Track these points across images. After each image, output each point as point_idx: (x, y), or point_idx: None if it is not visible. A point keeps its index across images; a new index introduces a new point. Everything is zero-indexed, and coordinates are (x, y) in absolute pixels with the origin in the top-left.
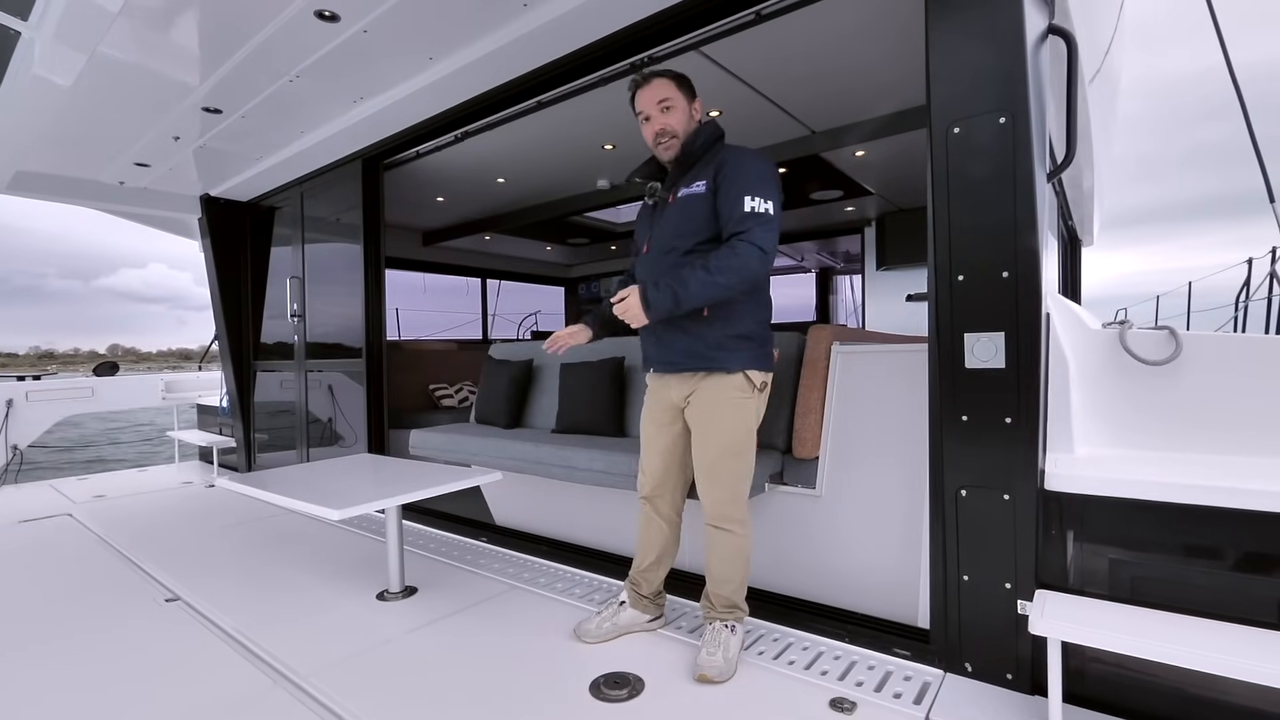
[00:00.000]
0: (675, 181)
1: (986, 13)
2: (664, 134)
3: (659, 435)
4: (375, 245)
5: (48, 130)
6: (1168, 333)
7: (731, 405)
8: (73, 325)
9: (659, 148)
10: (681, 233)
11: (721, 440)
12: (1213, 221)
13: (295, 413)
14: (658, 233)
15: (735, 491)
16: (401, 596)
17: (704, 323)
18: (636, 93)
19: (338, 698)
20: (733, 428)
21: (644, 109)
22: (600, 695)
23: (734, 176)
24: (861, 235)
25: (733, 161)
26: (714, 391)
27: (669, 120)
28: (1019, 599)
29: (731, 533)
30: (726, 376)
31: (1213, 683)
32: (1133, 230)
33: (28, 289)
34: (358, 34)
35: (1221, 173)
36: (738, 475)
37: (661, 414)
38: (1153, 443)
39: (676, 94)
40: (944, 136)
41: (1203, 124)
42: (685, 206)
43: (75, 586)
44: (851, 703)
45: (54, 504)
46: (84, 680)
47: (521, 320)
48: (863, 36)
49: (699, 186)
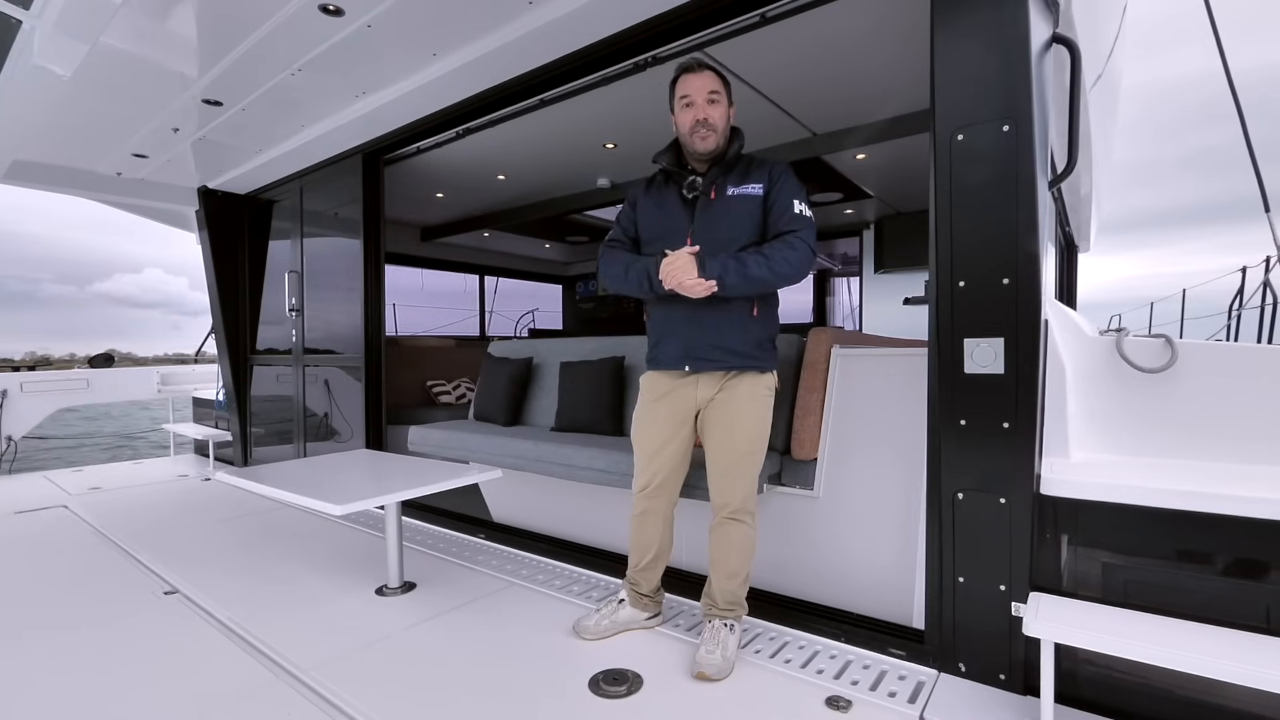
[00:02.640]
0: (716, 179)
1: (992, 21)
2: (705, 124)
3: (673, 437)
4: (375, 240)
5: (46, 120)
6: (1164, 341)
7: (762, 403)
8: (68, 331)
9: (694, 136)
10: (736, 230)
11: (751, 435)
12: (1211, 226)
13: (292, 407)
14: (704, 226)
15: (754, 485)
16: (400, 592)
17: (754, 321)
18: (684, 76)
19: (339, 691)
20: (764, 424)
21: (691, 94)
22: (599, 691)
23: (786, 183)
24: (860, 238)
25: (783, 169)
26: (748, 389)
27: (713, 113)
28: (1013, 601)
29: (748, 525)
30: (760, 375)
31: (1203, 685)
32: (1130, 235)
33: (22, 294)
34: (361, 29)
35: (1220, 178)
36: (759, 469)
37: (676, 414)
38: (1147, 449)
39: (724, 91)
40: (947, 143)
41: (1201, 128)
42: (740, 205)
43: (72, 578)
44: (847, 701)
45: (49, 495)
46: (83, 670)
47: (519, 317)
48: (866, 41)
49: (754, 189)
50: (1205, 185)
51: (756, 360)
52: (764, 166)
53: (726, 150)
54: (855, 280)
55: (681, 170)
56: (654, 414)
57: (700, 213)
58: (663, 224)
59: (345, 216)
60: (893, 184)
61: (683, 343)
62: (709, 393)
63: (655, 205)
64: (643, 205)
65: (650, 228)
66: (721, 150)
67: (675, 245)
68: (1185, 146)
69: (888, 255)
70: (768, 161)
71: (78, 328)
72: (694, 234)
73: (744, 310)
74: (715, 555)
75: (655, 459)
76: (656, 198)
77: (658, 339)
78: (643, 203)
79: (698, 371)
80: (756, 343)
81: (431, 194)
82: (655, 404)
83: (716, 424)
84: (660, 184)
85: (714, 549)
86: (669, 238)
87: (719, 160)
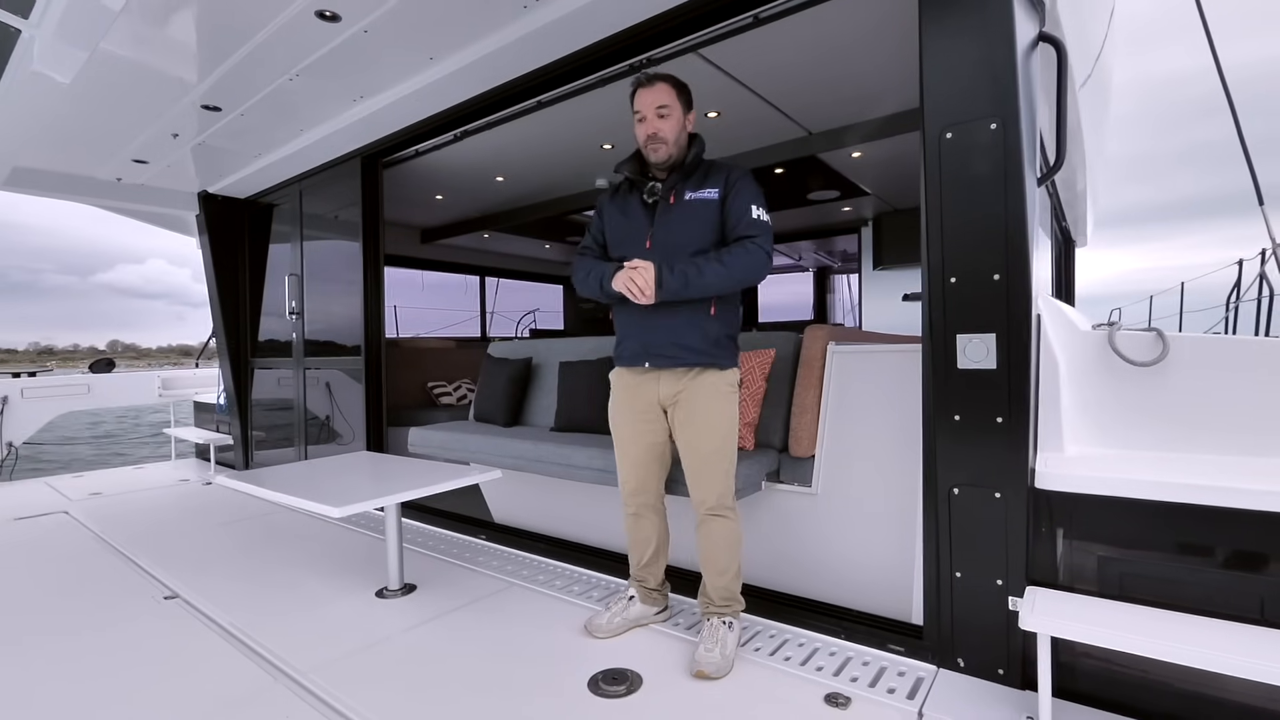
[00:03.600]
0: (675, 185)
1: (978, 21)
2: (655, 138)
3: (646, 431)
4: (374, 243)
5: (46, 126)
6: (1155, 334)
7: (726, 399)
8: (71, 321)
9: (647, 149)
10: (694, 234)
11: (720, 432)
12: (1213, 220)
13: (293, 410)
14: (663, 231)
15: (730, 479)
16: (401, 594)
17: (711, 320)
18: (638, 91)
19: (338, 694)
20: (730, 420)
21: (642, 110)
22: (599, 691)
23: (744, 188)
24: (859, 235)
25: (740, 174)
26: (710, 387)
27: (662, 126)
28: (1010, 595)
29: (729, 519)
30: (721, 373)
31: (1199, 677)
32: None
33: (24, 285)
34: (358, 34)
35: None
36: (732, 463)
37: (644, 410)
38: (1141, 442)
39: (675, 102)
40: (937, 141)
41: (1202, 122)
42: (698, 209)
43: (72, 583)
44: (846, 698)
45: (50, 501)
46: (83, 676)
47: (520, 318)
48: (859, 41)
49: (711, 193)
50: (1207, 179)
51: (714, 357)
52: (721, 171)
53: (685, 157)
54: (855, 277)
55: (643, 177)
56: (624, 409)
57: (659, 217)
58: (625, 229)
59: (345, 219)
60: (890, 181)
61: (642, 341)
62: (671, 389)
63: (619, 211)
64: (608, 212)
65: (615, 233)
66: (680, 158)
67: (636, 249)
68: (1187, 140)
69: (886, 252)
70: (726, 166)
71: (81, 318)
72: (653, 237)
73: (701, 309)
74: (704, 553)
75: (629, 455)
76: (620, 204)
77: (621, 338)
78: (608, 209)
79: (658, 368)
80: (714, 340)
81: (431, 196)
82: (621, 399)
83: (683, 424)
84: (624, 191)
85: (702, 547)
86: (630, 242)
87: (678, 167)
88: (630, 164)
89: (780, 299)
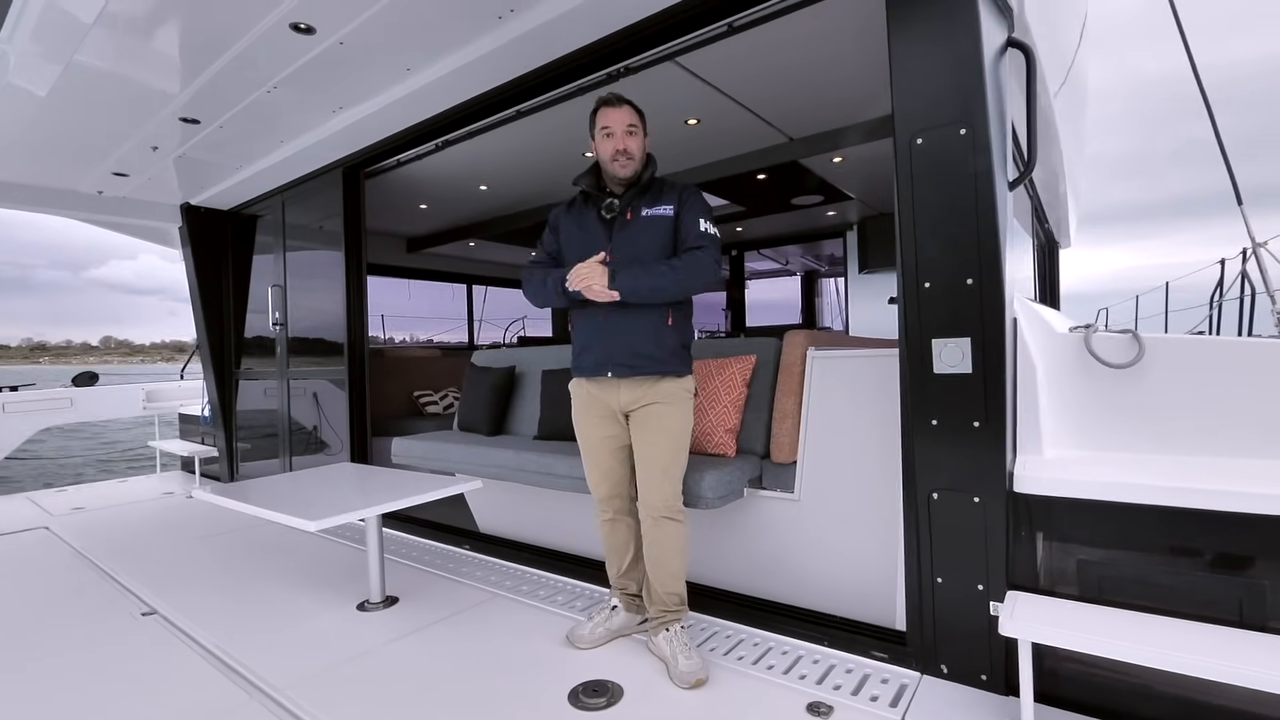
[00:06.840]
0: (632, 201)
1: (945, 28)
2: (624, 154)
3: (611, 437)
4: (357, 253)
5: (23, 139)
6: (1131, 336)
7: (683, 406)
8: (64, 317)
9: (615, 164)
10: (651, 247)
11: (677, 437)
12: (1201, 219)
13: (278, 421)
14: (622, 244)
15: (680, 482)
16: (382, 606)
17: (668, 330)
18: (604, 109)
19: (312, 710)
20: (684, 426)
21: (612, 126)
22: (579, 704)
23: (695, 204)
24: (844, 239)
25: (691, 191)
26: (669, 394)
27: (631, 143)
28: (991, 600)
29: (681, 521)
30: (678, 380)
31: (1181, 681)
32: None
33: (16, 280)
34: (334, 46)
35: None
36: (684, 468)
37: (606, 418)
38: (1119, 444)
39: (640, 124)
40: (908, 148)
41: (1190, 121)
42: (654, 224)
43: (49, 601)
44: (829, 706)
45: (31, 517)
46: (55, 694)
47: (508, 325)
48: (835, 47)
49: (666, 210)
50: (1196, 177)
51: (672, 366)
52: (674, 190)
53: (641, 175)
54: (841, 280)
55: (600, 193)
56: (586, 418)
57: (618, 232)
58: (583, 242)
59: (328, 230)
60: (872, 186)
61: (603, 351)
62: (631, 397)
63: (576, 225)
64: (564, 225)
65: (572, 246)
66: (637, 175)
67: None
68: (1175, 139)
69: (871, 256)
70: (678, 185)
71: (74, 314)
72: (612, 251)
73: (659, 319)
74: (656, 558)
75: (598, 463)
76: (577, 218)
77: (580, 349)
78: (564, 223)
79: (620, 377)
80: (671, 350)
81: (415, 205)
82: (585, 407)
83: (643, 428)
84: (580, 205)
85: (653, 552)
86: (588, 254)
87: (635, 184)
88: (588, 177)
89: (769, 302)
